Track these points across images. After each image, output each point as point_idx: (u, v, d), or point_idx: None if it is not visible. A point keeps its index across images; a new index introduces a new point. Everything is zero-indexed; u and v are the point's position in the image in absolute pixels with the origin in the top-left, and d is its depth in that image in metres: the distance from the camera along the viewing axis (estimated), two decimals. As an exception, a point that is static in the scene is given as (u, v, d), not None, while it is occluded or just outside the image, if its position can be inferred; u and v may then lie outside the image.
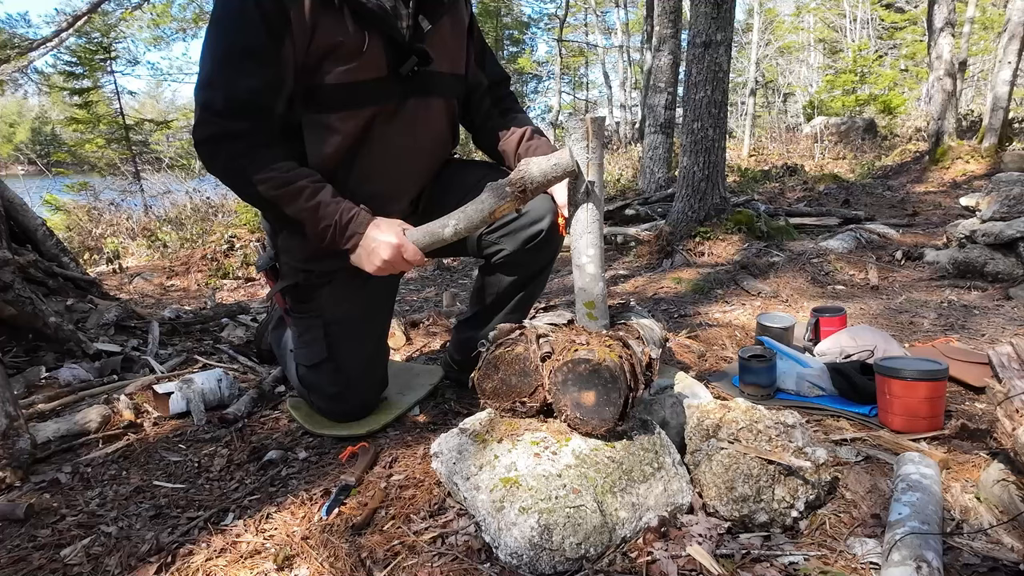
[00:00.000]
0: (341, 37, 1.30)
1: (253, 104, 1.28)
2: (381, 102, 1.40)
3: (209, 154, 1.31)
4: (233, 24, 1.27)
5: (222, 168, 1.33)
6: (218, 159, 1.32)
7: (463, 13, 1.56)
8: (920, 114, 12.19)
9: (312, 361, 1.58)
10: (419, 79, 1.43)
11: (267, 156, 1.31)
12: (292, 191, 1.30)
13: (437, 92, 1.50)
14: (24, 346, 2.10)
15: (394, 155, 1.48)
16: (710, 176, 4.26)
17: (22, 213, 2.64)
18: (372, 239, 1.31)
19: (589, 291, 1.27)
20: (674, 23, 6.90)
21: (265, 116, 1.30)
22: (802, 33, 20.66)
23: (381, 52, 1.36)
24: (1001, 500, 1.13)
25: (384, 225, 1.33)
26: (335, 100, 1.36)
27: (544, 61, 27.03)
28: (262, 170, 1.29)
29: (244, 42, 1.26)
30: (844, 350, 1.88)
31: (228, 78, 1.27)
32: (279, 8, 1.24)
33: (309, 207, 1.30)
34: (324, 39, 1.29)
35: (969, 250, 3.26)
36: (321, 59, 1.31)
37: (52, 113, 26.13)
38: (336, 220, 1.31)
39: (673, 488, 1.16)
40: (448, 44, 1.50)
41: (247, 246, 5.12)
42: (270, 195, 1.30)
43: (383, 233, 1.31)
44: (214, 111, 1.27)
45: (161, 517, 1.26)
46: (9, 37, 9.75)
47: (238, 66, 1.27)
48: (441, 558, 1.07)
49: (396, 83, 1.40)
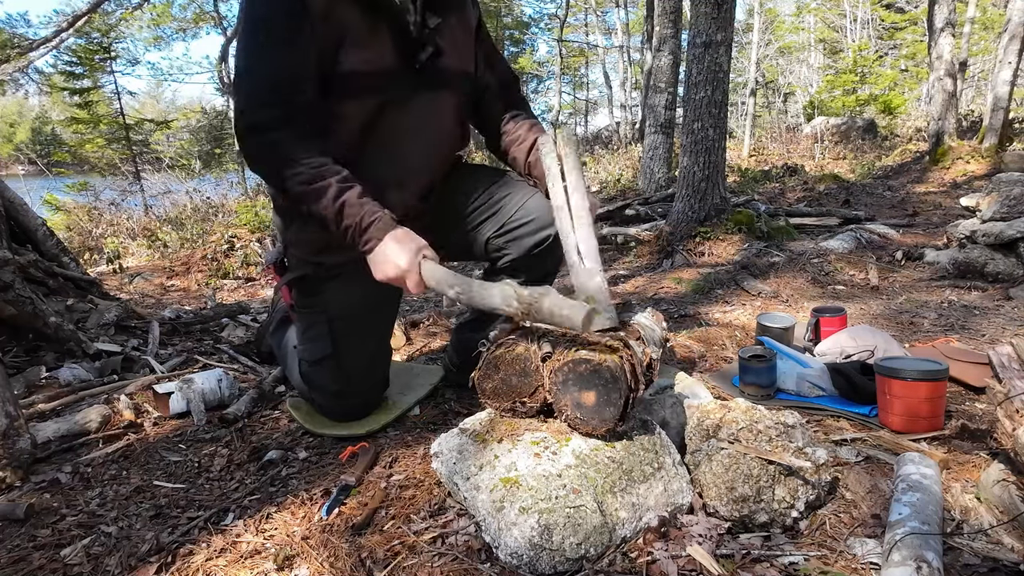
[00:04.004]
0: (352, 24, 1.33)
1: (285, 87, 1.31)
2: (391, 92, 1.42)
3: (249, 147, 1.35)
4: (258, 15, 1.32)
5: (260, 162, 1.37)
6: (256, 151, 1.35)
7: (470, 13, 1.57)
8: (920, 114, 12.20)
9: (315, 357, 1.58)
10: (430, 72, 1.44)
11: (298, 149, 1.31)
12: (317, 189, 1.30)
13: (447, 87, 1.51)
14: (24, 346, 2.10)
15: (403, 146, 1.48)
16: (710, 176, 4.26)
17: (22, 213, 2.64)
18: (384, 253, 1.29)
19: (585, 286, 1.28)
20: (674, 23, 6.90)
21: (298, 101, 1.32)
22: (802, 33, 20.65)
23: (391, 43, 1.38)
24: (1001, 500, 1.13)
25: (402, 242, 1.29)
26: (346, 88, 1.38)
27: (544, 61, 27.05)
28: (291, 164, 1.30)
29: (269, 30, 1.31)
30: (844, 350, 1.88)
31: (259, 67, 1.32)
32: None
33: (333, 206, 1.30)
34: (336, 27, 1.32)
35: (969, 250, 3.26)
36: (335, 47, 1.33)
37: (52, 113, 26.15)
38: (357, 223, 1.30)
39: (673, 488, 1.16)
40: (457, 41, 1.51)
41: (247, 246, 5.11)
42: (296, 191, 1.31)
43: (398, 252, 1.28)
44: (250, 103, 1.32)
45: (161, 517, 1.26)
46: (9, 37, 9.75)
47: (268, 54, 1.31)
48: (441, 558, 1.07)
49: (407, 75, 1.42)
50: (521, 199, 1.57)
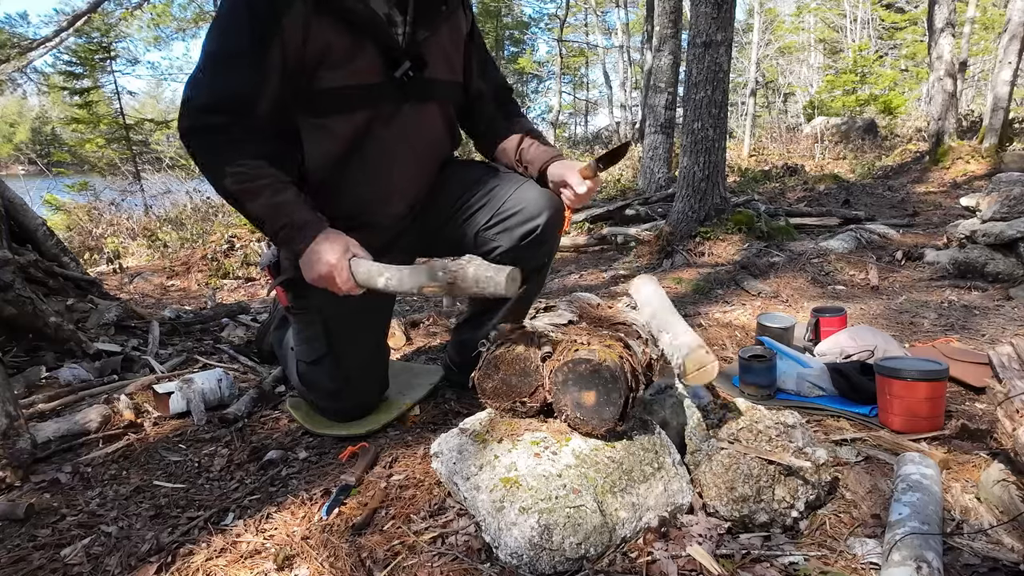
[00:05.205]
0: (334, 43, 1.32)
1: (232, 103, 1.30)
2: (376, 106, 1.42)
3: (189, 145, 1.34)
4: (225, 26, 1.31)
5: (200, 161, 1.35)
6: (196, 150, 1.34)
7: (462, 21, 1.56)
8: (920, 114, 12.20)
9: (312, 357, 1.58)
10: (416, 85, 1.44)
11: (239, 151, 1.31)
12: (254, 188, 1.30)
13: (434, 98, 1.51)
14: (24, 346, 2.10)
15: (390, 159, 1.48)
16: (710, 176, 4.26)
17: (22, 213, 2.64)
18: (316, 252, 1.30)
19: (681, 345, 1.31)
20: (674, 23, 6.90)
21: (244, 114, 1.32)
22: (802, 33, 20.65)
23: (375, 58, 1.38)
24: (1001, 500, 1.13)
25: (333, 241, 1.30)
26: (330, 104, 1.38)
27: (544, 61, 27.07)
28: (230, 163, 1.30)
29: (231, 44, 1.30)
30: (844, 350, 1.88)
31: (212, 77, 1.31)
32: (272, 13, 1.26)
33: (269, 205, 1.31)
34: (317, 45, 1.31)
35: (969, 250, 3.26)
36: (316, 64, 1.33)
37: (52, 113, 26.13)
38: (292, 222, 1.31)
39: (673, 488, 1.16)
40: (446, 51, 1.51)
41: (247, 246, 5.11)
42: (233, 189, 1.31)
43: (327, 249, 1.29)
44: (193, 106, 1.31)
45: (161, 517, 1.26)
46: (9, 37, 9.76)
47: (223, 67, 1.30)
48: (441, 558, 1.07)
49: (392, 88, 1.42)
50: (511, 189, 1.55)
